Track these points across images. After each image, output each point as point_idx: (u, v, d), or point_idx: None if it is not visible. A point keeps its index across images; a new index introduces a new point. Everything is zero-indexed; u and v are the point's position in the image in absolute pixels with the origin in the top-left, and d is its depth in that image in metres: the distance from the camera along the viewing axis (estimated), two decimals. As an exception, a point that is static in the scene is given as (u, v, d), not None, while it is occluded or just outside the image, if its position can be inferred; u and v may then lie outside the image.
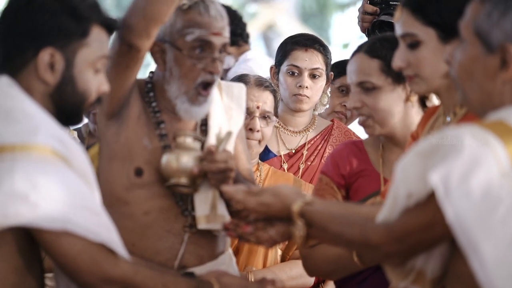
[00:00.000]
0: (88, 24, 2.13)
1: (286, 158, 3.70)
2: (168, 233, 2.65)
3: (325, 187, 2.76)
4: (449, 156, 1.78)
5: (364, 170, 2.76)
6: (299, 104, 3.67)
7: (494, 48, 1.88)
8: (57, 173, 2.02)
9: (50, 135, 2.05)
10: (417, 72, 2.35)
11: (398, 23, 2.39)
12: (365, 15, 3.46)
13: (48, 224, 2.00)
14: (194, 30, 2.64)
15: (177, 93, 2.67)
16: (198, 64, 2.64)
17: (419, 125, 2.52)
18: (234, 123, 2.81)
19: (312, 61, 3.67)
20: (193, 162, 2.59)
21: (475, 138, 1.80)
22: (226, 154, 2.60)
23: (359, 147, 2.82)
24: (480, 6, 1.91)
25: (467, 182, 1.76)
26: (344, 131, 3.78)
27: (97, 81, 2.16)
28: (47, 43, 2.10)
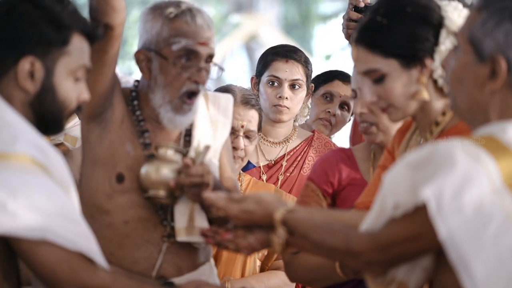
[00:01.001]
0: (69, 32, 2.12)
1: (265, 169, 3.70)
2: (146, 243, 2.65)
3: (311, 194, 2.76)
4: (441, 171, 1.79)
5: (353, 179, 2.76)
6: (278, 115, 3.68)
7: (485, 58, 1.89)
8: (36, 182, 2.02)
9: (30, 144, 2.04)
10: (389, 103, 2.34)
11: (357, 61, 2.37)
12: (350, 22, 3.48)
13: (27, 233, 1.99)
14: (180, 40, 2.63)
15: (161, 102, 2.66)
16: (184, 73, 2.63)
17: (395, 139, 2.52)
18: (220, 134, 2.81)
19: (292, 72, 3.69)
20: (172, 175, 2.60)
21: (467, 154, 1.81)
22: (203, 168, 2.59)
23: (348, 155, 2.82)
24: (476, 15, 1.92)
25: (459, 198, 1.77)
26: (324, 142, 3.79)
27: (77, 89, 2.16)
28: (27, 52, 2.09)
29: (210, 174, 2.61)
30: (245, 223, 2.21)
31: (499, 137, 1.85)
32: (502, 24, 1.88)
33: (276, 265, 3.36)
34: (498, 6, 1.90)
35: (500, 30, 1.88)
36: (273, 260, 3.36)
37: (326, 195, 2.75)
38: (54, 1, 2.12)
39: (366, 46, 2.34)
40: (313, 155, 3.74)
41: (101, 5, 2.54)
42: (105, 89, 2.65)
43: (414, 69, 2.31)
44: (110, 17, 2.56)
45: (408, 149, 2.45)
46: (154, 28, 2.65)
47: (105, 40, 2.55)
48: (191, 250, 2.70)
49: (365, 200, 2.50)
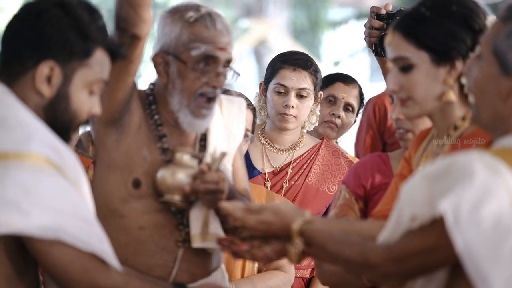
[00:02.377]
0: (93, 45, 2.13)
1: (271, 176, 3.69)
2: (162, 250, 2.64)
3: (344, 198, 2.77)
4: (459, 184, 1.77)
5: (386, 184, 2.76)
6: (284, 123, 3.67)
7: (509, 70, 1.86)
8: (50, 182, 2.02)
9: (44, 144, 2.05)
10: (410, 95, 2.34)
11: (389, 46, 2.38)
12: (372, 30, 3.48)
13: (40, 233, 1.99)
14: (200, 45, 2.62)
15: (179, 106, 2.65)
16: (202, 78, 2.63)
17: (412, 147, 2.52)
18: (234, 138, 2.81)
19: (299, 81, 3.66)
20: (187, 180, 2.60)
21: (486, 166, 1.79)
22: (218, 175, 2.58)
23: (384, 160, 2.83)
24: (502, 26, 1.89)
25: (477, 212, 1.75)
26: (332, 151, 3.76)
27: (91, 102, 2.16)
28: (49, 56, 2.10)
29: (225, 181, 2.60)
30: (262, 234, 2.20)
31: None
32: None
33: (274, 265, 3.37)
34: None
35: None
36: None
37: (358, 199, 2.76)
38: (86, 12, 2.13)
39: (402, 33, 2.33)
40: (320, 163, 3.71)
41: (130, 16, 2.54)
42: (125, 96, 2.65)
43: (443, 67, 2.30)
44: (139, 28, 2.55)
45: (425, 156, 2.45)
46: (173, 31, 2.64)
47: (131, 50, 2.55)
48: (204, 256, 2.69)
49: (382, 209, 2.49)
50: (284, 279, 3.32)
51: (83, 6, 2.14)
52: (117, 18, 2.55)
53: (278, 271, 3.34)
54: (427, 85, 2.32)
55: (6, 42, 2.14)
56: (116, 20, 2.55)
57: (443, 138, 2.38)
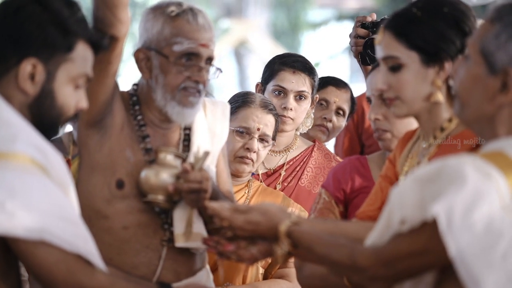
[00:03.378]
0: (74, 39, 2.11)
1: (264, 177, 3.67)
2: (146, 249, 2.64)
3: (324, 201, 2.77)
4: (451, 187, 1.77)
5: (366, 187, 2.76)
6: (282, 125, 3.65)
7: (496, 70, 1.87)
8: (35, 182, 2.00)
9: (29, 144, 2.03)
10: (398, 95, 2.35)
11: (380, 45, 2.39)
12: (358, 39, 3.50)
13: (25, 233, 1.97)
14: (182, 40, 2.62)
15: (164, 101, 2.65)
16: (184, 72, 2.63)
17: (397, 148, 2.52)
18: (217, 140, 2.80)
19: (298, 84, 3.66)
20: (171, 180, 2.59)
21: (477, 170, 1.79)
22: (202, 174, 2.58)
23: (362, 163, 2.83)
24: (489, 26, 1.90)
25: (470, 215, 1.75)
26: (325, 154, 3.76)
27: (77, 96, 2.14)
28: (30, 53, 2.07)
29: (209, 180, 2.60)
30: (249, 234, 2.20)
31: (509, 153, 1.83)
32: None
33: (279, 274, 3.33)
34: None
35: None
36: (277, 268, 3.34)
37: (338, 202, 2.76)
38: (64, 6, 2.11)
39: (393, 32, 2.35)
40: (313, 166, 3.70)
41: (107, 17, 2.52)
42: (106, 97, 2.63)
43: (432, 68, 2.31)
44: (116, 29, 2.53)
45: (410, 157, 2.45)
46: (155, 27, 2.64)
47: (109, 51, 2.54)
48: (188, 256, 2.69)
49: (366, 210, 2.50)
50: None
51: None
52: (95, 19, 2.54)
53: (282, 280, 3.31)
54: (415, 85, 2.33)
55: None
56: (93, 21, 2.53)
57: (429, 139, 2.39)
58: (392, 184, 2.49)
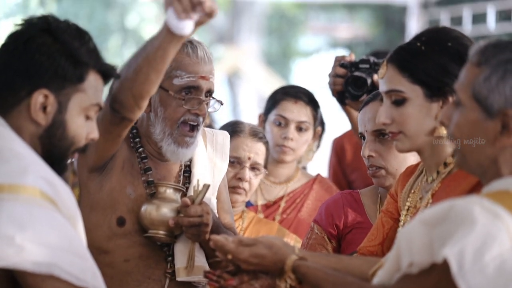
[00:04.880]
0: (85, 70, 2.11)
1: (263, 208, 3.66)
2: (148, 279, 2.64)
3: (316, 236, 2.76)
4: (461, 230, 1.78)
5: (359, 222, 2.75)
6: (282, 155, 3.64)
7: (494, 113, 1.87)
8: (45, 216, 2.00)
9: (39, 177, 2.03)
10: (401, 129, 2.35)
11: (383, 79, 2.39)
12: (336, 78, 3.51)
13: (34, 267, 1.96)
14: (182, 73, 2.63)
15: (161, 135, 2.66)
16: (184, 105, 2.63)
17: (398, 183, 2.52)
18: (218, 171, 2.81)
19: (300, 114, 3.64)
20: (171, 214, 2.60)
21: (486, 211, 1.80)
22: (202, 208, 2.58)
23: (355, 198, 2.82)
24: (477, 70, 1.90)
25: (481, 258, 1.76)
26: (326, 187, 3.73)
27: (88, 127, 2.15)
28: (41, 84, 2.07)
29: (210, 214, 2.60)
30: (254, 268, 2.19)
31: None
32: (507, 78, 1.87)
33: None
34: (499, 59, 1.88)
35: (506, 84, 1.86)
36: None
37: (331, 238, 2.75)
38: (74, 36, 2.11)
39: (397, 66, 2.35)
40: (313, 198, 3.68)
41: (129, 103, 2.49)
42: (112, 153, 2.66)
43: (436, 102, 2.32)
44: (133, 114, 2.53)
45: (412, 192, 2.45)
46: None
47: (120, 128, 2.55)
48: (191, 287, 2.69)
49: (367, 245, 2.50)
50: None
51: (71, 29, 2.12)
52: (114, 99, 2.51)
53: None
54: (419, 120, 2.33)
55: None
56: (111, 99, 2.51)
57: (432, 175, 2.39)
58: (394, 219, 2.50)
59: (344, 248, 2.78)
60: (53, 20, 2.12)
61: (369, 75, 3.47)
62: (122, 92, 2.49)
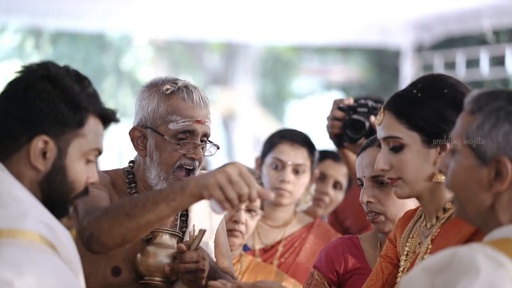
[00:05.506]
0: (85, 115, 2.12)
1: (261, 252, 3.63)
2: None
3: (316, 282, 2.75)
4: (465, 279, 1.77)
5: (359, 268, 2.74)
6: (279, 198, 3.61)
7: (487, 160, 1.89)
8: (44, 260, 1.99)
9: (38, 221, 2.02)
10: (400, 175, 2.36)
11: (380, 126, 2.41)
12: (334, 121, 3.53)
13: None
14: (177, 118, 2.63)
15: (157, 180, 2.65)
16: (180, 150, 2.63)
17: (397, 228, 2.52)
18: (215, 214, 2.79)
19: (296, 157, 3.63)
20: (167, 260, 2.59)
21: (489, 259, 1.80)
22: (197, 254, 2.57)
23: (355, 243, 2.81)
24: (470, 118, 1.93)
25: None
26: (325, 231, 3.72)
27: (88, 172, 2.15)
28: (41, 131, 2.08)
29: (206, 259, 2.58)
30: None
31: None
32: (499, 125, 1.89)
33: None
34: (492, 107, 1.91)
35: (498, 131, 1.89)
36: None
37: (331, 284, 2.74)
38: (74, 81, 2.12)
39: (394, 113, 2.37)
40: (312, 242, 3.66)
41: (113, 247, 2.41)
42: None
43: (434, 148, 2.33)
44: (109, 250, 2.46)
45: (411, 237, 2.46)
46: (150, 105, 2.66)
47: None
48: None
49: None
50: None
51: (71, 75, 2.13)
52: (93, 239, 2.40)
53: None
54: (417, 166, 2.34)
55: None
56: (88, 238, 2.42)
57: (431, 220, 2.39)
58: (393, 265, 2.50)
59: (344, 295, 2.77)
60: (52, 66, 2.14)
61: (367, 118, 3.49)
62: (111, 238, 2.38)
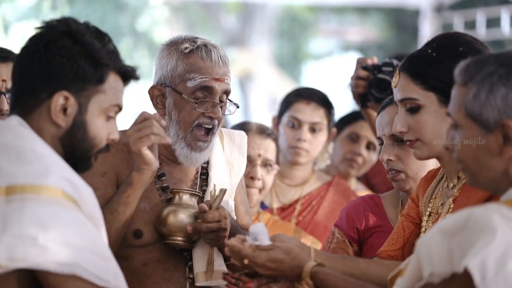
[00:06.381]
0: (106, 71, 2.12)
1: (279, 211, 3.63)
2: (167, 282, 2.64)
3: (337, 240, 2.75)
4: (481, 239, 1.77)
5: (380, 226, 2.74)
6: (296, 157, 3.62)
7: (492, 127, 1.88)
8: (67, 216, 2.00)
9: (61, 177, 2.03)
10: (418, 137, 2.35)
11: (396, 88, 2.39)
12: (359, 80, 3.51)
13: (56, 268, 1.97)
14: (195, 76, 2.62)
15: (175, 138, 2.65)
16: (198, 108, 2.63)
17: (420, 188, 2.51)
18: (235, 172, 2.80)
19: (313, 115, 3.63)
20: (189, 220, 2.59)
21: (506, 219, 1.79)
22: (219, 213, 2.57)
23: (376, 202, 2.81)
24: (464, 89, 1.92)
25: (504, 267, 1.75)
26: (343, 189, 3.72)
27: (108, 128, 2.15)
28: (62, 87, 2.08)
29: (227, 218, 2.58)
30: (271, 272, 2.19)
31: None
32: (495, 90, 1.88)
33: None
34: (483, 74, 1.89)
35: (496, 96, 1.87)
36: None
37: (352, 242, 2.74)
38: (94, 38, 2.12)
39: (409, 74, 2.35)
40: (330, 201, 3.66)
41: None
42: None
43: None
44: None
45: (434, 197, 2.45)
46: (169, 63, 2.65)
47: None
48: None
49: (387, 249, 2.49)
50: None
51: (91, 31, 2.13)
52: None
53: None
54: (435, 126, 2.32)
55: (17, 76, 2.12)
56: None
57: (453, 180, 2.38)
58: (415, 224, 2.49)
59: (365, 252, 2.77)
60: (73, 23, 2.13)
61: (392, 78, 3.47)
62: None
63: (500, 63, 1.89)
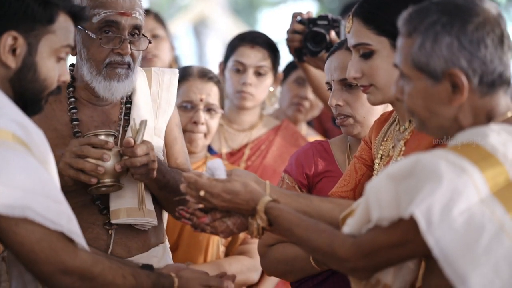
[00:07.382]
0: (55, 11, 2.08)
1: (228, 156, 3.64)
2: (92, 225, 2.61)
3: (287, 186, 2.76)
4: (427, 186, 1.79)
5: (329, 171, 2.76)
6: (242, 101, 3.61)
7: (439, 76, 1.89)
8: (18, 159, 1.97)
9: (11, 120, 2.00)
10: (372, 82, 2.36)
11: (349, 33, 2.38)
12: (294, 34, 3.49)
13: (7, 211, 1.95)
14: (99, 11, 2.57)
15: (90, 76, 2.60)
16: (104, 45, 2.57)
17: (372, 131, 2.53)
18: (163, 111, 2.73)
19: (257, 58, 3.61)
20: (114, 160, 2.51)
21: (452, 165, 1.80)
22: (146, 145, 2.51)
23: (325, 147, 2.82)
24: (409, 40, 1.92)
25: (449, 213, 1.77)
26: (292, 133, 3.72)
27: (59, 69, 2.12)
28: (10, 27, 2.04)
29: (153, 149, 2.53)
30: (226, 204, 2.17)
31: (482, 144, 1.85)
32: (439, 40, 1.88)
33: (240, 250, 3.33)
34: (427, 24, 1.90)
35: (441, 46, 1.88)
36: (237, 245, 3.34)
37: (302, 187, 2.75)
38: None
39: (362, 19, 2.34)
40: (279, 144, 3.67)
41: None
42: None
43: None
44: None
45: (385, 140, 2.46)
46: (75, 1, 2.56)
47: None
48: (140, 232, 2.65)
49: (339, 190, 2.52)
50: (249, 265, 3.28)
51: None
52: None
53: (243, 256, 3.30)
54: (388, 71, 2.32)
55: None
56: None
57: (404, 124, 2.40)
58: (367, 166, 2.51)
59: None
60: None
61: (328, 31, 3.46)
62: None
63: (441, 11, 1.89)
